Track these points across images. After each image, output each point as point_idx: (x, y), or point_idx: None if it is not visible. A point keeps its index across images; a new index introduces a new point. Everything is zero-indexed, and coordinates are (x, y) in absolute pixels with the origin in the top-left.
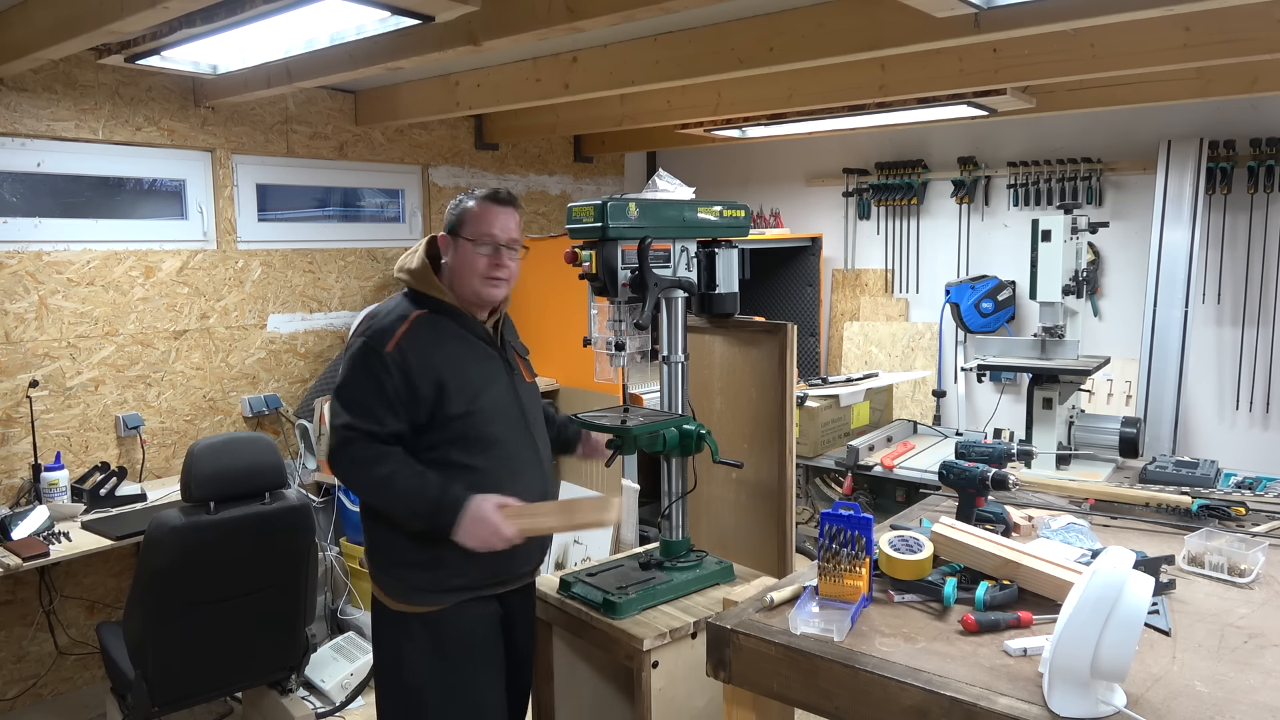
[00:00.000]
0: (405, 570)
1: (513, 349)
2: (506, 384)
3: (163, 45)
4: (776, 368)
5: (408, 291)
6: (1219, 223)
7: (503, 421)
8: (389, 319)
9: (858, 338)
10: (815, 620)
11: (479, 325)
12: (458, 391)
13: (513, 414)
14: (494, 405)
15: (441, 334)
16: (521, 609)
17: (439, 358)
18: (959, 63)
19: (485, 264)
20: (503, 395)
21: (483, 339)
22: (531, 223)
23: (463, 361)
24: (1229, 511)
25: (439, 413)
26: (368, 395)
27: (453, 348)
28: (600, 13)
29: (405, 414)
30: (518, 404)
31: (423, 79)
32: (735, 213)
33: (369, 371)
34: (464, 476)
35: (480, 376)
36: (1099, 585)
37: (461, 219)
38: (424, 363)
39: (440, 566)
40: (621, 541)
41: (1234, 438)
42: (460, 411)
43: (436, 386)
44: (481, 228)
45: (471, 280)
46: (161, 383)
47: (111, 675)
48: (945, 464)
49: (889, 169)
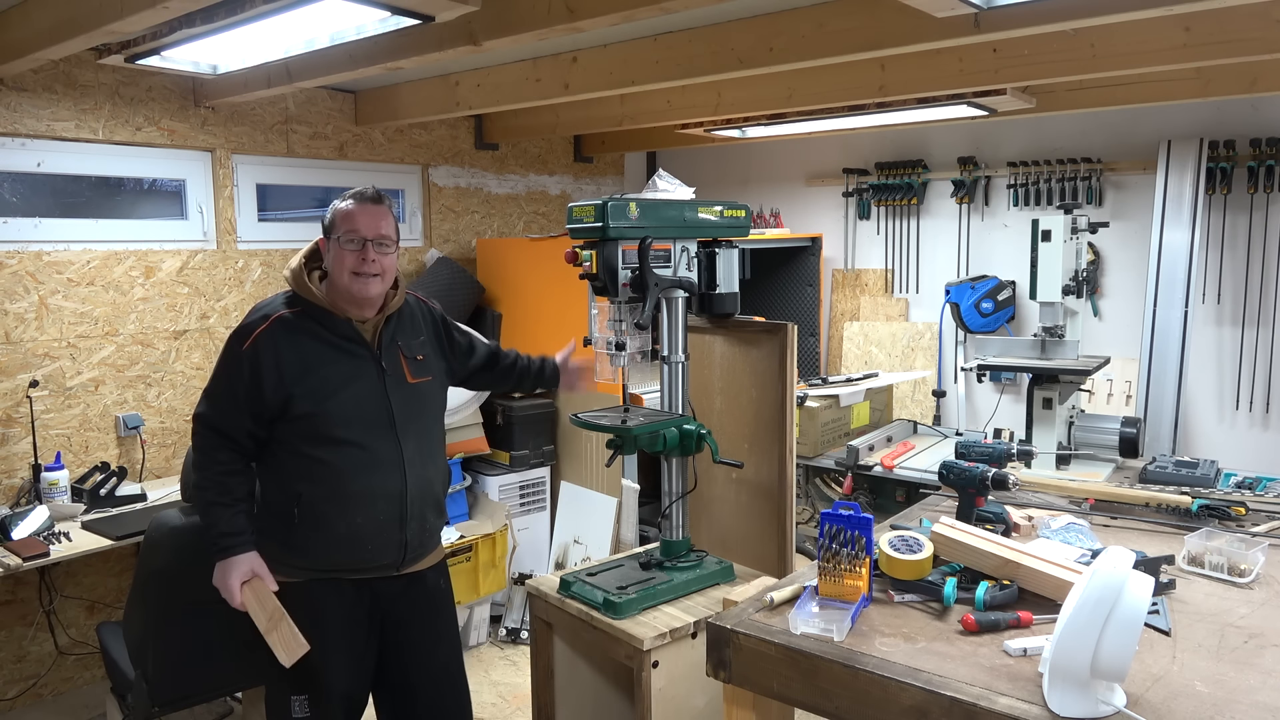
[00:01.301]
0: (265, 541)
1: (399, 350)
2: (372, 385)
3: (163, 45)
4: (777, 368)
5: (289, 291)
6: (1219, 223)
7: (359, 423)
8: (254, 316)
9: (858, 338)
10: (815, 620)
11: (347, 326)
12: (305, 393)
13: (374, 415)
14: (348, 406)
15: (300, 334)
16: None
17: (291, 357)
18: (959, 63)
19: (353, 260)
20: (364, 396)
21: (350, 339)
22: (532, 223)
23: (318, 362)
24: (1229, 511)
25: (286, 412)
26: (219, 388)
27: (308, 348)
28: (600, 13)
29: (249, 409)
30: (384, 405)
31: (423, 79)
32: (735, 213)
33: (225, 365)
34: (317, 468)
35: (336, 377)
36: (1099, 585)
37: (333, 220)
38: (274, 362)
39: (291, 546)
40: (621, 541)
41: (1234, 438)
42: (305, 411)
43: (282, 385)
44: (349, 224)
45: (343, 277)
46: (162, 383)
47: (111, 675)
48: (945, 464)
49: (889, 169)
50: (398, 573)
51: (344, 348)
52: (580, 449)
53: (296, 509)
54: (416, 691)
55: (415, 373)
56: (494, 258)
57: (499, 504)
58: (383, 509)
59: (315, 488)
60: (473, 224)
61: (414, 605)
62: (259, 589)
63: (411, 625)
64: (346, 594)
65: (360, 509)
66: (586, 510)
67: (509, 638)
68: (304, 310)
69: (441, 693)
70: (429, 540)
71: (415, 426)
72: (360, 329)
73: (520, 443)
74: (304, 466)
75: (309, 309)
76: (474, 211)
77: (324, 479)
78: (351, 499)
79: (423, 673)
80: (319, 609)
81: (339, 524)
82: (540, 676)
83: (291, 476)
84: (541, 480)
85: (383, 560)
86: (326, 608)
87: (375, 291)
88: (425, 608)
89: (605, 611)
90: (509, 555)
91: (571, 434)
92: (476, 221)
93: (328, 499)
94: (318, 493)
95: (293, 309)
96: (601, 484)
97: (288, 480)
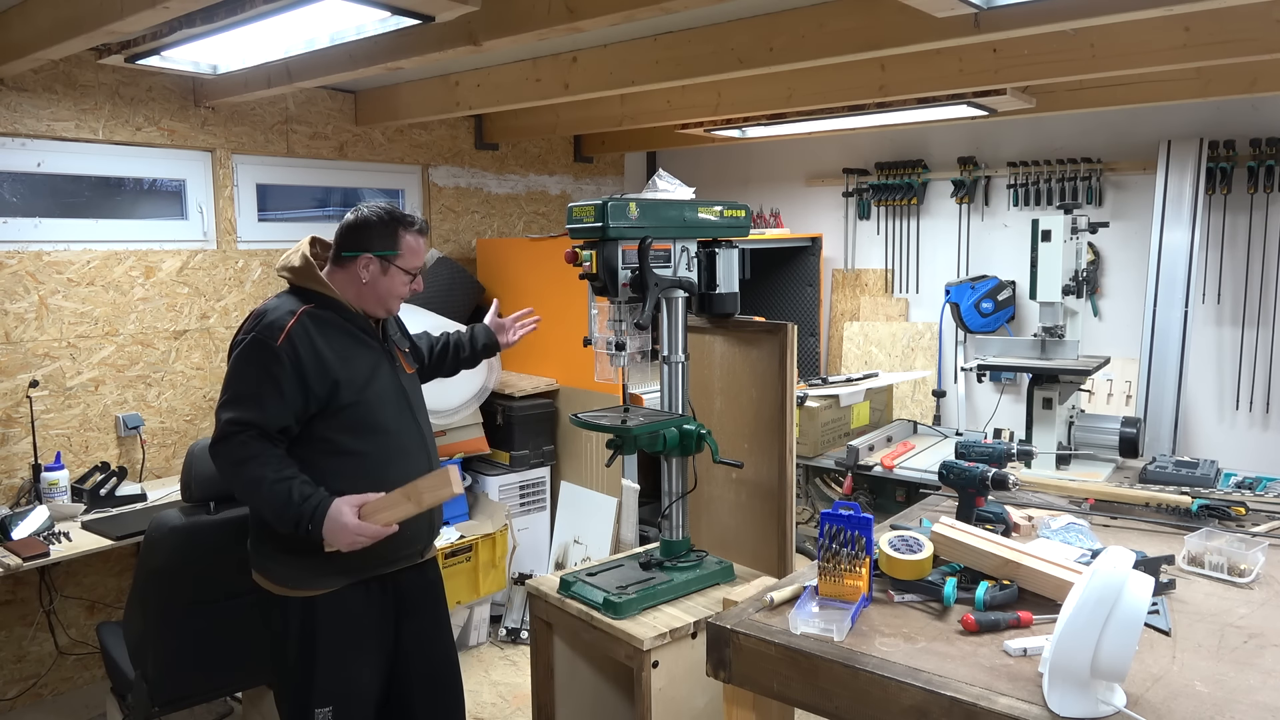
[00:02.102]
0: (291, 556)
1: (393, 342)
2: (390, 374)
3: (163, 45)
4: (776, 368)
5: (290, 289)
6: (1219, 223)
7: (390, 409)
8: (277, 314)
9: (858, 338)
10: (815, 620)
11: (363, 319)
12: (347, 382)
13: (399, 401)
14: (381, 394)
15: (328, 327)
16: (418, 588)
17: (328, 350)
18: (959, 63)
19: (408, 290)
20: (388, 384)
21: (366, 332)
22: (532, 223)
23: (350, 353)
24: (1229, 511)
25: (331, 402)
26: (258, 388)
27: (339, 340)
28: (600, 13)
29: (294, 406)
30: (402, 392)
31: (423, 79)
32: (735, 213)
33: (260, 365)
34: (353, 461)
35: (366, 367)
36: (1099, 585)
37: (400, 250)
38: (313, 355)
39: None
40: (621, 541)
41: (1234, 438)
42: (350, 400)
43: (326, 377)
44: (416, 261)
45: (389, 300)
46: (161, 383)
47: (111, 675)
48: (945, 464)
49: (889, 169)
50: (420, 559)
51: (365, 340)
52: (580, 449)
53: None
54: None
55: (409, 363)
56: (494, 258)
57: (499, 504)
58: None
59: (351, 484)
60: (473, 224)
61: (425, 594)
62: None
63: (421, 614)
64: (374, 594)
65: None
66: (586, 510)
67: (509, 638)
68: (320, 304)
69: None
70: (439, 520)
71: (423, 412)
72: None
73: (520, 443)
74: (344, 464)
75: (325, 303)
76: (474, 211)
77: (369, 472)
78: (389, 487)
79: (425, 660)
80: (356, 617)
81: None
82: (540, 676)
83: (331, 476)
84: (541, 480)
85: (416, 545)
86: (363, 615)
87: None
88: (433, 596)
89: (605, 611)
90: (509, 555)
91: (571, 434)
92: (476, 221)
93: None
94: (362, 487)
95: (309, 304)
96: (601, 484)
97: (327, 481)
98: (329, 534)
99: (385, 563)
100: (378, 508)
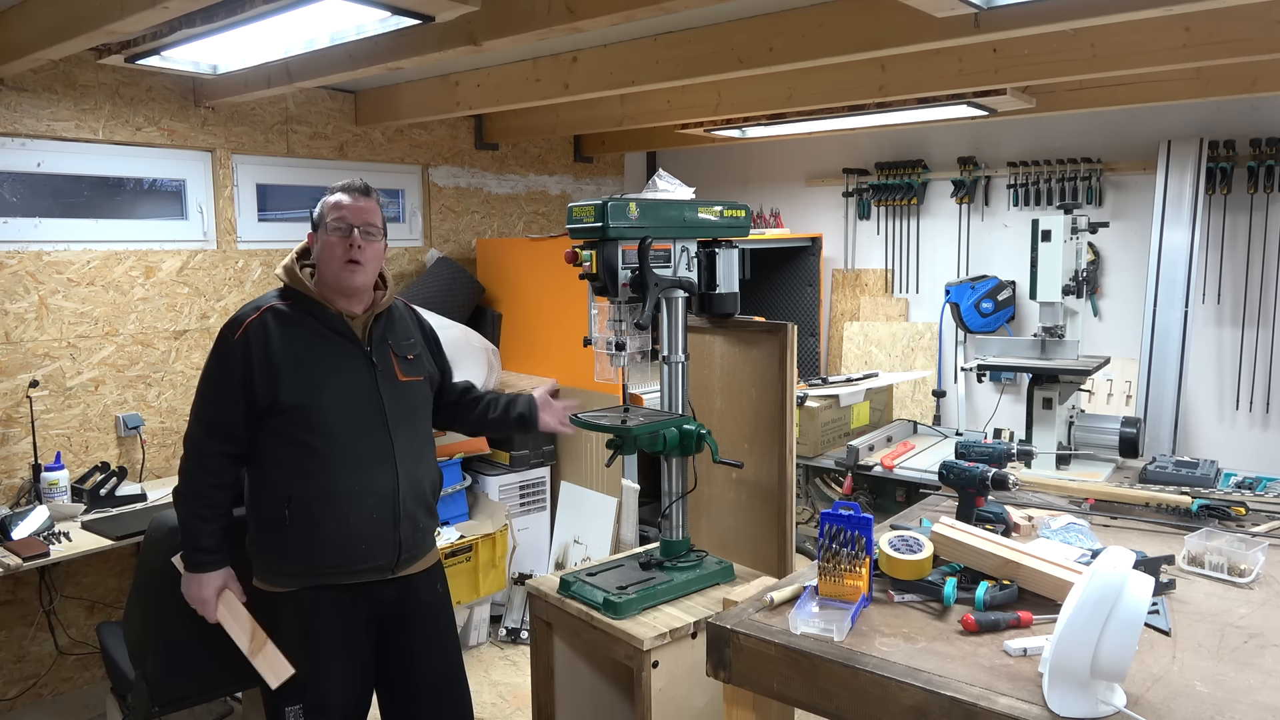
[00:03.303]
0: (262, 551)
1: (390, 348)
2: (364, 381)
3: (163, 45)
4: (777, 368)
5: (281, 287)
6: (1219, 223)
7: (349, 417)
8: (246, 308)
9: (858, 338)
10: (815, 620)
11: (338, 320)
12: (293, 383)
13: (365, 410)
14: (339, 400)
15: (291, 325)
16: (405, 605)
17: (281, 347)
18: (959, 63)
19: (341, 247)
20: (355, 391)
21: (340, 333)
22: (532, 223)
23: (311, 355)
24: (1229, 511)
25: (277, 401)
26: (212, 381)
27: (299, 339)
28: (600, 13)
29: (243, 398)
30: (375, 401)
31: (423, 79)
32: (735, 213)
33: (217, 357)
34: (304, 467)
35: (325, 369)
36: (1099, 585)
37: (321, 211)
38: (265, 350)
39: (285, 551)
40: (621, 541)
41: (1234, 438)
42: (293, 403)
43: (272, 373)
44: (337, 213)
45: (331, 266)
46: (162, 383)
47: (111, 675)
48: (945, 464)
49: (889, 169)
50: (392, 575)
51: (335, 341)
52: (580, 449)
53: (287, 510)
54: (419, 697)
55: (406, 371)
56: (494, 258)
57: (499, 504)
58: (374, 507)
59: (305, 488)
60: (473, 224)
61: (412, 611)
62: (232, 604)
63: (411, 631)
64: (340, 601)
65: (352, 507)
66: (586, 510)
67: (509, 638)
68: (296, 302)
69: (445, 699)
70: (422, 541)
71: (406, 424)
72: (351, 324)
73: (520, 442)
74: (294, 466)
75: (301, 301)
76: (474, 211)
77: (314, 478)
78: (342, 497)
79: (424, 678)
80: (311, 618)
81: (331, 524)
82: (540, 676)
83: (281, 478)
84: (541, 480)
85: (377, 561)
86: (320, 616)
87: (361, 281)
88: (423, 614)
89: (605, 611)
90: (509, 555)
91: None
92: (476, 221)
93: (319, 499)
94: (308, 493)
95: (285, 301)
96: (601, 484)
97: (278, 483)
98: (190, 582)
99: (345, 572)
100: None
